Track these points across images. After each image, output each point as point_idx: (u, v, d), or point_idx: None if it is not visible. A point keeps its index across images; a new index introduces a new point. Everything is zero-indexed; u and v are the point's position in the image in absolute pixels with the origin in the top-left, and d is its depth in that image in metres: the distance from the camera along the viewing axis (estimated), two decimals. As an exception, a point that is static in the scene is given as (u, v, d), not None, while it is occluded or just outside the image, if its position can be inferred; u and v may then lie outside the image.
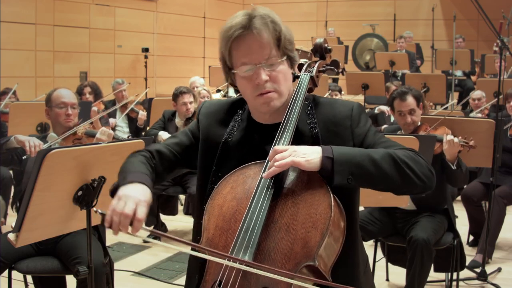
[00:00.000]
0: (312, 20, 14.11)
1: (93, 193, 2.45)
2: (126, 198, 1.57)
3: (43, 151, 2.35)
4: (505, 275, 4.39)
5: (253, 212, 1.61)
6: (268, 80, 1.71)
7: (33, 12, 10.03)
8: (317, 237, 1.57)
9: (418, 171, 1.66)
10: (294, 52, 1.77)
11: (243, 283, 1.57)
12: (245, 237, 1.59)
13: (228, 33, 1.69)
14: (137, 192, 1.60)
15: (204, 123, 1.88)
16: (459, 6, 11.74)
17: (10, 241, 2.42)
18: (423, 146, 3.19)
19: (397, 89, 3.85)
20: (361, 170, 1.61)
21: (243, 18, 1.69)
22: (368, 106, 8.46)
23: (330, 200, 1.61)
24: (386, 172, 1.63)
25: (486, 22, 3.74)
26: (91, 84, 6.49)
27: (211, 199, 1.72)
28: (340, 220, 1.64)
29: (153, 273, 4.37)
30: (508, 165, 4.75)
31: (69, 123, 3.60)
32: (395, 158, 1.65)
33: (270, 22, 1.69)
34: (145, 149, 1.88)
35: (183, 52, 13.04)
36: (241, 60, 1.71)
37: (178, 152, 1.88)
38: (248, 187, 1.68)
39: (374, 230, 3.69)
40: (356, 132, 1.76)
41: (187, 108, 5.30)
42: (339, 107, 1.80)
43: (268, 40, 1.69)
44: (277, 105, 1.74)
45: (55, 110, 3.57)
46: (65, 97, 3.59)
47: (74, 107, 3.61)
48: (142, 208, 1.56)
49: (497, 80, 4.53)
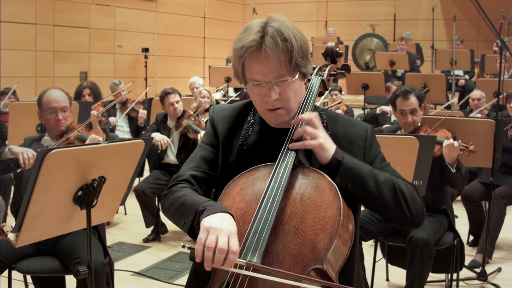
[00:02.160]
0: (312, 20, 14.11)
1: (93, 193, 2.45)
2: (217, 232, 1.50)
3: (43, 151, 2.35)
4: (505, 275, 4.39)
5: (262, 214, 1.61)
6: (278, 98, 1.72)
7: (33, 12, 10.03)
8: (325, 240, 1.57)
9: (411, 205, 1.73)
10: (307, 65, 1.75)
11: (250, 284, 1.57)
12: (253, 239, 1.58)
13: (240, 52, 1.70)
14: (225, 222, 1.54)
15: (221, 127, 1.88)
16: (459, 6, 11.74)
17: (10, 241, 2.42)
18: (423, 146, 3.19)
19: (400, 88, 3.87)
20: (361, 182, 1.68)
21: (256, 35, 1.68)
22: (368, 106, 8.46)
23: (339, 203, 1.61)
24: (383, 195, 1.69)
25: (486, 22, 3.74)
26: (90, 85, 6.47)
27: (220, 200, 1.72)
28: (348, 224, 1.64)
29: (153, 273, 4.37)
30: (508, 165, 4.76)
31: (61, 127, 3.48)
32: (395, 186, 1.71)
33: (281, 41, 1.67)
34: (178, 180, 1.81)
35: (183, 52, 13.05)
36: (252, 76, 1.73)
37: (209, 169, 1.84)
38: (258, 189, 1.68)
39: (374, 230, 3.69)
40: (368, 155, 1.81)
41: (174, 108, 5.30)
42: (354, 125, 1.84)
43: (279, 60, 1.68)
44: (285, 120, 1.77)
45: (46, 115, 3.46)
46: (54, 102, 3.44)
47: (65, 110, 3.46)
48: (234, 240, 1.51)
49: (497, 80, 4.53)
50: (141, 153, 2.64)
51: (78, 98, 6.16)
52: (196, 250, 1.50)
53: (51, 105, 3.44)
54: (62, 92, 3.54)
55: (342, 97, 7.60)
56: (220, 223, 1.53)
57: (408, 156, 3.09)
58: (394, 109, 3.84)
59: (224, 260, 1.49)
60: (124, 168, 2.59)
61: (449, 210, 3.72)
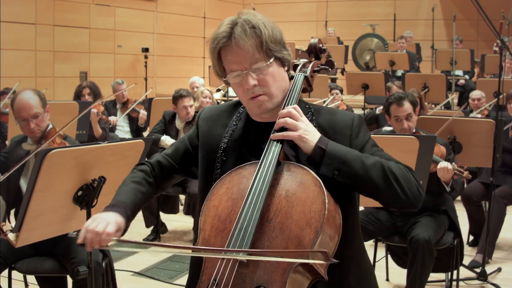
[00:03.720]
0: (312, 20, 14.11)
1: (93, 193, 2.45)
2: (98, 221, 1.72)
3: (43, 151, 2.35)
4: (505, 275, 4.39)
5: (247, 211, 1.62)
6: (257, 84, 1.74)
7: (33, 12, 10.03)
8: (311, 235, 1.57)
9: (405, 186, 1.69)
10: (283, 51, 1.78)
11: (237, 282, 1.58)
12: (239, 236, 1.60)
13: (213, 44, 1.77)
14: (108, 216, 1.75)
15: (203, 128, 1.93)
16: (459, 6, 11.74)
17: (10, 241, 2.42)
18: (423, 146, 3.18)
19: (393, 95, 3.82)
20: (348, 168, 1.66)
21: (226, 27, 1.74)
22: (368, 106, 8.46)
23: (324, 197, 1.61)
24: (373, 178, 1.67)
25: (486, 22, 3.74)
26: (90, 84, 6.46)
27: (207, 200, 1.74)
28: (335, 218, 1.64)
29: (153, 273, 4.37)
30: (508, 165, 4.75)
31: (35, 134, 3.26)
32: (384, 168, 1.68)
33: (249, 28, 1.72)
34: (147, 162, 1.98)
35: (183, 52, 13.05)
36: (229, 67, 1.77)
37: (175, 161, 1.97)
38: (243, 187, 1.69)
39: (374, 230, 3.69)
40: (355, 143, 1.79)
41: (187, 112, 5.19)
42: (340, 116, 1.84)
43: (250, 46, 1.72)
44: (269, 106, 1.78)
45: (19, 123, 3.26)
46: (23, 110, 3.19)
47: (36, 117, 3.21)
48: (111, 226, 1.72)
49: (497, 80, 4.53)
50: (141, 153, 2.64)
51: (78, 98, 6.16)
52: (80, 232, 1.72)
53: (20, 114, 3.22)
54: (34, 94, 3.27)
55: (342, 97, 7.61)
56: (105, 215, 1.75)
57: (408, 156, 3.08)
58: (389, 116, 3.80)
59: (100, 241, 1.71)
60: (124, 168, 2.59)
61: (450, 210, 3.72)
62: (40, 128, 3.25)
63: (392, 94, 3.90)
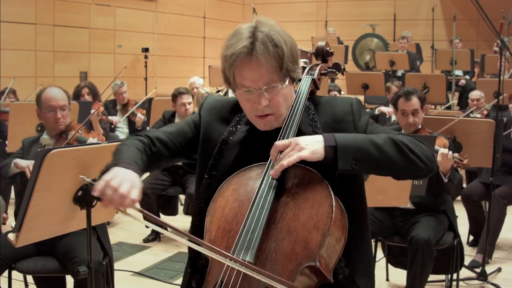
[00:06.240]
0: (312, 20, 14.10)
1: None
2: (122, 179, 1.56)
3: (43, 151, 2.35)
4: (505, 275, 4.39)
5: (254, 213, 1.61)
6: (268, 104, 1.70)
7: (33, 12, 10.03)
8: (318, 238, 1.57)
9: (419, 153, 1.68)
10: (297, 70, 1.73)
11: (244, 283, 1.57)
12: (246, 238, 1.59)
13: (231, 59, 1.67)
14: (133, 177, 1.60)
15: (206, 119, 1.88)
16: (459, 6, 11.73)
17: (10, 241, 2.42)
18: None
19: (403, 88, 3.88)
20: (364, 154, 1.63)
21: (246, 41, 1.65)
22: (368, 106, 8.46)
23: (331, 200, 1.61)
24: (389, 155, 1.65)
25: (486, 22, 3.73)
26: (89, 84, 6.48)
27: (213, 201, 1.72)
28: (341, 221, 1.64)
29: (153, 273, 4.38)
30: (508, 165, 4.75)
31: (60, 126, 3.45)
32: (396, 141, 1.67)
33: (272, 47, 1.65)
34: (144, 134, 1.86)
35: (183, 52, 13.04)
36: (241, 82, 1.70)
37: (179, 142, 1.87)
38: (250, 188, 1.68)
39: (374, 230, 3.69)
40: (359, 126, 1.79)
41: (186, 109, 5.32)
42: (338, 104, 1.83)
43: (270, 67, 1.66)
44: (274, 125, 1.76)
45: (44, 114, 3.43)
46: (53, 100, 3.40)
47: (64, 109, 3.43)
48: (136, 191, 1.56)
49: (497, 80, 4.53)
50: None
51: (77, 98, 6.17)
52: (99, 184, 1.55)
53: (49, 103, 3.40)
54: (61, 90, 3.50)
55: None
56: (127, 175, 1.58)
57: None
58: (396, 109, 3.84)
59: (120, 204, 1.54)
60: (124, 168, 2.59)
61: (449, 211, 3.72)
62: (64, 120, 3.44)
63: (402, 88, 3.94)
